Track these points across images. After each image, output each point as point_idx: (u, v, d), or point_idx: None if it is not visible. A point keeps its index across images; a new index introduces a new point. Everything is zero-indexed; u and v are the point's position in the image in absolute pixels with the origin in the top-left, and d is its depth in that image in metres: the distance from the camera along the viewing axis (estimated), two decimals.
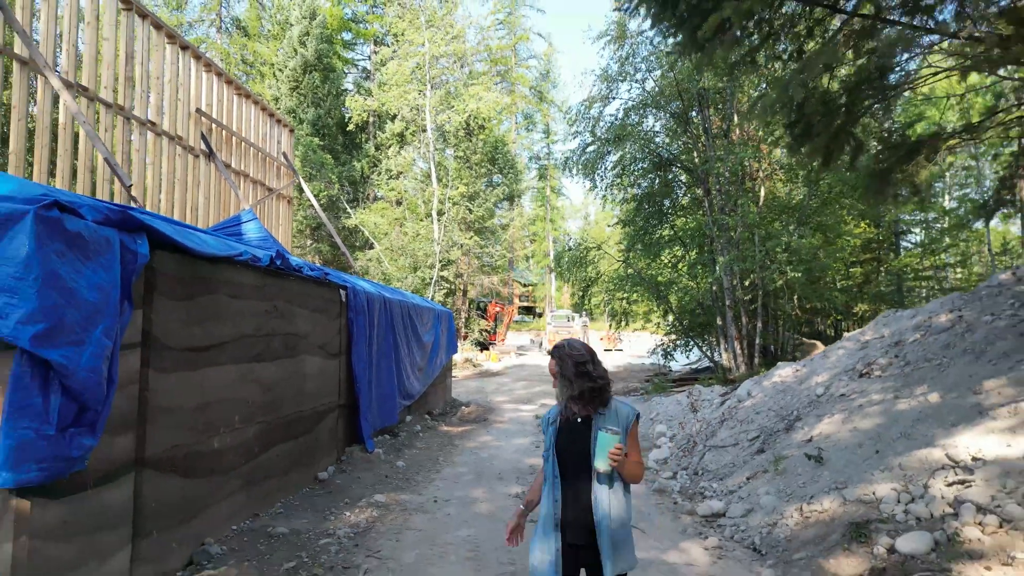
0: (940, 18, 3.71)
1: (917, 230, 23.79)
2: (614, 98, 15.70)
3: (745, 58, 4.47)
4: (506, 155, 29.91)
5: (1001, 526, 4.08)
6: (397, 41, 27.02)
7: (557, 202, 58.30)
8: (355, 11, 37.88)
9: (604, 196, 17.07)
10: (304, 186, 15.11)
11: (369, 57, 37.52)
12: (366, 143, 32.87)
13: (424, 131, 26.67)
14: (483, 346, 29.86)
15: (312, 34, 29.98)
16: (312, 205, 25.78)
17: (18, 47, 7.37)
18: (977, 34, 3.46)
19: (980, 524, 4.15)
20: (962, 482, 4.65)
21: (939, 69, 3.80)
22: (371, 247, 27.41)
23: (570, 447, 2.71)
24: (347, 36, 38.15)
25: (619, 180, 16.41)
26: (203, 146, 10.86)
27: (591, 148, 15.90)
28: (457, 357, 23.20)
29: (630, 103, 15.53)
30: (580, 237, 45.43)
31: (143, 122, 9.28)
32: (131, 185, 7.46)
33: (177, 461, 4.21)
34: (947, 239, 21.53)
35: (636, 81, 15.43)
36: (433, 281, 24.35)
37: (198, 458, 4.45)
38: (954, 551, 3.97)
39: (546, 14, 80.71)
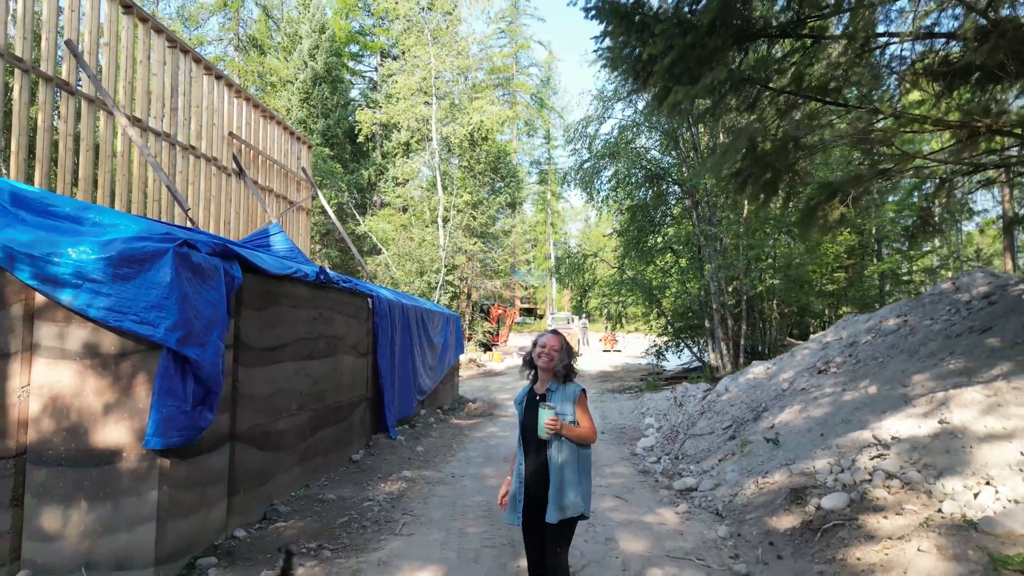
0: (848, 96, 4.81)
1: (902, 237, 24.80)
2: (609, 117, 16.86)
3: (704, 114, 5.60)
4: (508, 164, 31.11)
5: (903, 487, 5.19)
6: (404, 56, 28.21)
7: (558, 206, 59.39)
8: (362, 24, 39.12)
9: (600, 208, 18.22)
10: (322, 198, 16.26)
11: (376, 69, 38.74)
12: (373, 151, 34.08)
13: (429, 140, 27.86)
14: (486, 347, 30.98)
15: (321, 48, 31.21)
16: (322, 212, 26.89)
17: (86, 86, 8.51)
18: (873, 108, 4.58)
19: (887, 486, 5.26)
20: (880, 456, 5.76)
21: (837, 142, 4.91)
22: (379, 252, 28.59)
23: (532, 420, 3.42)
24: (354, 48, 39.36)
25: (614, 193, 17.55)
26: (234, 166, 12.02)
27: (587, 164, 17.05)
28: (462, 358, 24.31)
29: (624, 122, 16.68)
30: (579, 241, 46.56)
31: (185, 147, 10.42)
32: (189, 209, 8.60)
33: (255, 437, 5.35)
34: (926, 247, 22.66)
35: (629, 102, 16.58)
36: (439, 285, 25.49)
37: (269, 436, 5.59)
38: (863, 506, 5.09)
39: (546, 22, 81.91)
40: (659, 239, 17.70)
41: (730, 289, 15.55)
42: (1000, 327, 6.92)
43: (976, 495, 4.70)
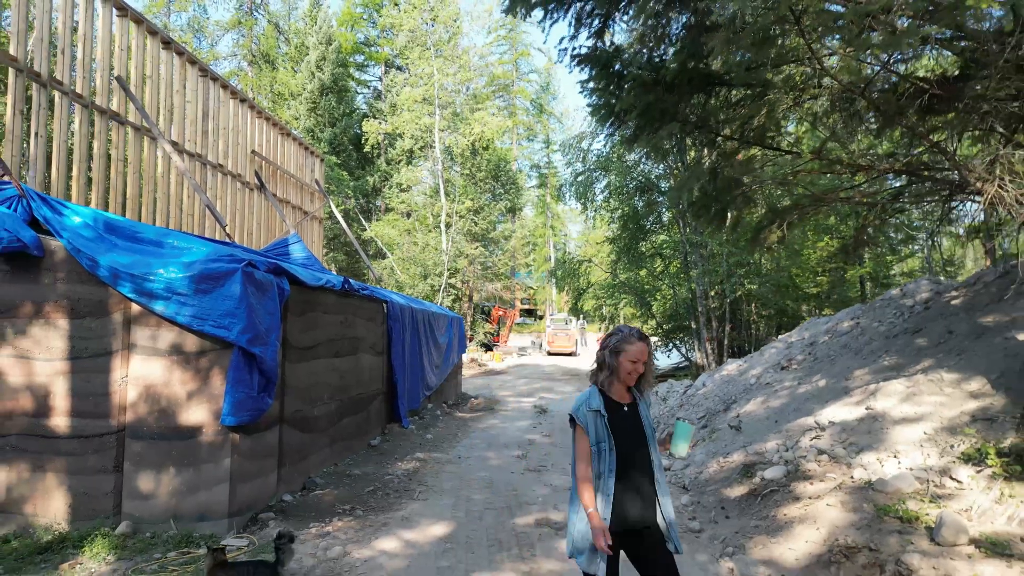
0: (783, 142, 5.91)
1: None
2: (601, 132, 17.99)
3: (670, 148, 6.69)
4: (508, 172, 32.32)
5: (829, 460, 6.30)
6: (408, 68, 29.43)
7: (558, 208, 60.46)
8: (367, 35, 40.38)
9: (594, 217, 19.37)
10: (334, 209, 17.39)
11: (380, 78, 40.00)
12: (378, 158, 35.29)
13: (432, 147, 29.07)
14: (487, 347, 32.09)
15: (328, 59, 32.44)
16: (329, 216, 28.03)
17: (132, 115, 9.61)
18: (797, 151, 5.68)
19: (818, 460, 6.37)
20: (817, 437, 6.88)
21: (766, 183, 6.01)
22: (384, 257, 29.78)
23: (626, 436, 2.81)
24: (359, 59, 40.61)
25: (607, 203, 18.70)
26: (256, 181, 13.15)
27: (581, 177, 18.21)
28: (464, 357, 25.41)
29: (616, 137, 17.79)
30: (579, 243, 47.62)
31: (215, 166, 11.55)
32: (227, 225, 9.72)
33: (297, 421, 6.47)
34: (903, 252, 23.75)
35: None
36: (442, 288, 26.64)
37: (307, 420, 6.72)
38: (796, 476, 6.21)
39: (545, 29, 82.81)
40: (649, 246, 18.84)
41: (712, 293, 16.70)
42: (929, 329, 8.03)
43: (883, 465, 5.82)
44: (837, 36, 4.35)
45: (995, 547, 4.24)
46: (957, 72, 5.19)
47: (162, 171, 10.24)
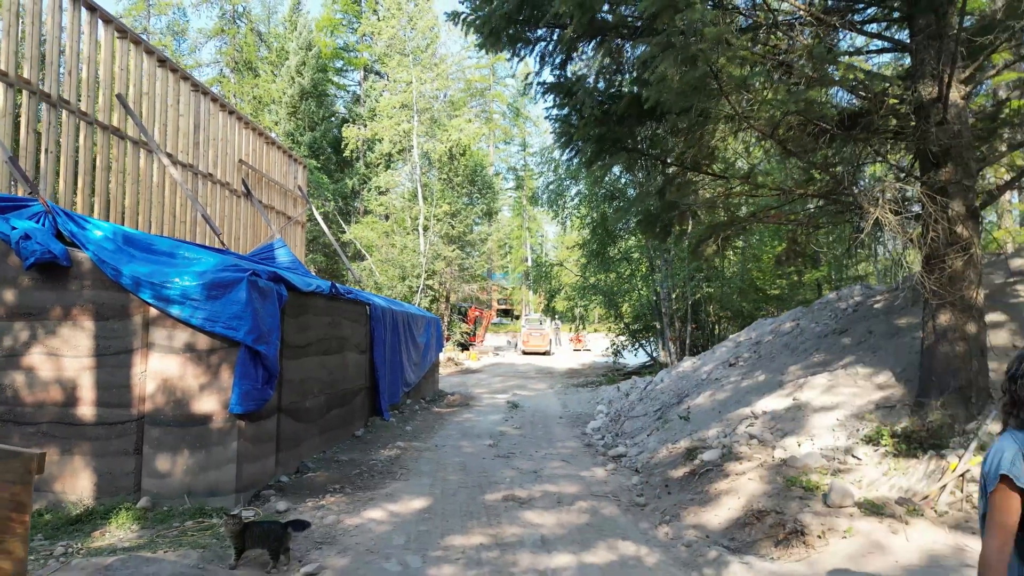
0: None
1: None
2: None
3: (627, 169, 7.62)
4: (485, 177, 33.23)
5: (759, 444, 7.27)
6: (388, 73, 30.19)
7: (534, 210, 61.45)
8: (346, 41, 41.02)
9: (565, 223, 20.35)
10: (316, 214, 18.11)
11: (359, 83, 40.64)
12: (356, 161, 35.97)
13: (410, 151, 29.85)
14: (464, 347, 32.91)
15: (308, 64, 33.07)
16: (310, 219, 28.64)
17: (131, 130, 10.28)
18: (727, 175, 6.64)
19: (748, 444, 7.34)
20: (751, 424, 7.86)
21: (699, 204, 6.97)
22: (363, 259, 30.49)
23: None
24: (338, 64, 41.23)
25: (577, 210, 19.69)
26: (243, 188, 13.86)
27: (552, 186, 19.17)
28: (441, 356, 26.19)
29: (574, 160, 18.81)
30: (555, 244, 48.54)
31: (205, 175, 12.25)
32: (221, 233, 10.45)
33: (292, 411, 7.28)
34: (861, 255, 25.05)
35: None
36: (419, 289, 27.43)
37: (300, 411, 7.53)
38: (728, 457, 7.16)
39: None
40: (617, 251, 19.85)
41: (675, 295, 17.75)
42: (853, 329, 9.07)
43: (800, 446, 6.80)
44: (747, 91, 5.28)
45: (872, 508, 5.22)
46: (858, 113, 6.18)
47: (158, 181, 10.92)
